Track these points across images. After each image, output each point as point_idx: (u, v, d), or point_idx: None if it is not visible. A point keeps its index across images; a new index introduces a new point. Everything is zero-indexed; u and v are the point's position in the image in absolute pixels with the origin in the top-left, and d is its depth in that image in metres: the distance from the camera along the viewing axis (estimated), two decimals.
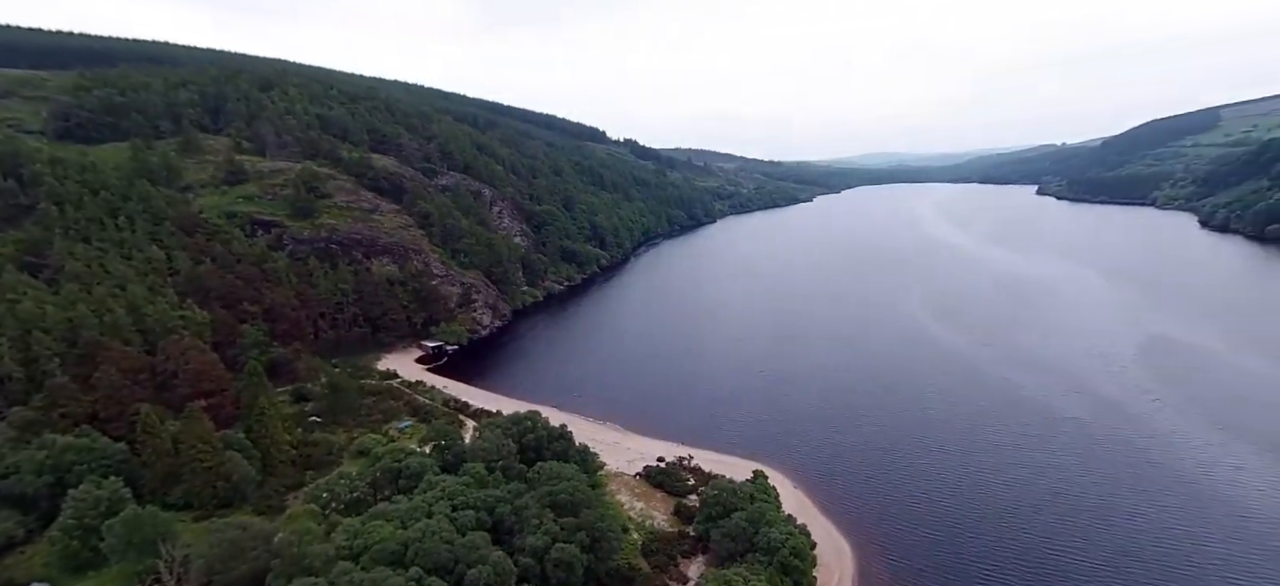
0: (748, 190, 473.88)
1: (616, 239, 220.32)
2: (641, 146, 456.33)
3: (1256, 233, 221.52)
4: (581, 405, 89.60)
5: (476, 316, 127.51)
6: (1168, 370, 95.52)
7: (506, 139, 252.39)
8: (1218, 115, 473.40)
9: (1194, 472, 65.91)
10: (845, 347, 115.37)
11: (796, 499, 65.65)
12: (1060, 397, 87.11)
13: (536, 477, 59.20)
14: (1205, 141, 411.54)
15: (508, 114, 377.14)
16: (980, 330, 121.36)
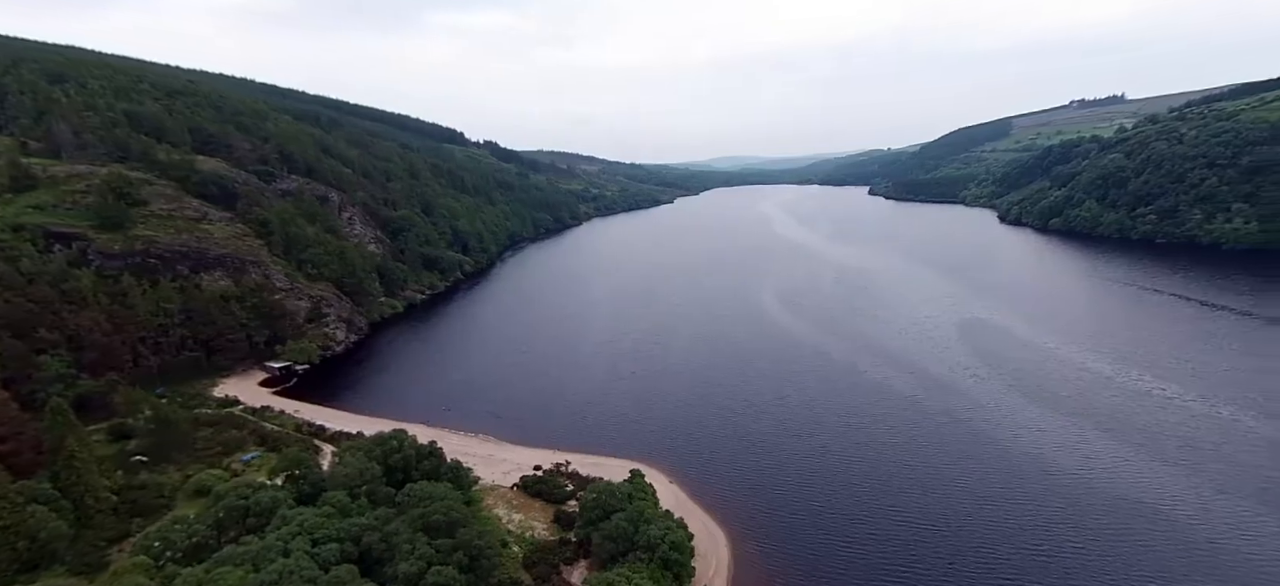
0: (612, 192, 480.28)
1: (481, 244, 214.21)
2: (502, 148, 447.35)
3: (1042, 226, 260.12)
4: (451, 419, 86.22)
5: (329, 332, 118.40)
6: (982, 348, 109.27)
7: (355, 140, 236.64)
8: (1010, 125, 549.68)
9: (1008, 437, 75.82)
10: (709, 344, 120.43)
11: (673, 494, 67.52)
12: (898, 378, 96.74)
13: (406, 500, 56.11)
14: (1001, 147, 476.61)
15: (355, 113, 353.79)
16: (827, 320, 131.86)
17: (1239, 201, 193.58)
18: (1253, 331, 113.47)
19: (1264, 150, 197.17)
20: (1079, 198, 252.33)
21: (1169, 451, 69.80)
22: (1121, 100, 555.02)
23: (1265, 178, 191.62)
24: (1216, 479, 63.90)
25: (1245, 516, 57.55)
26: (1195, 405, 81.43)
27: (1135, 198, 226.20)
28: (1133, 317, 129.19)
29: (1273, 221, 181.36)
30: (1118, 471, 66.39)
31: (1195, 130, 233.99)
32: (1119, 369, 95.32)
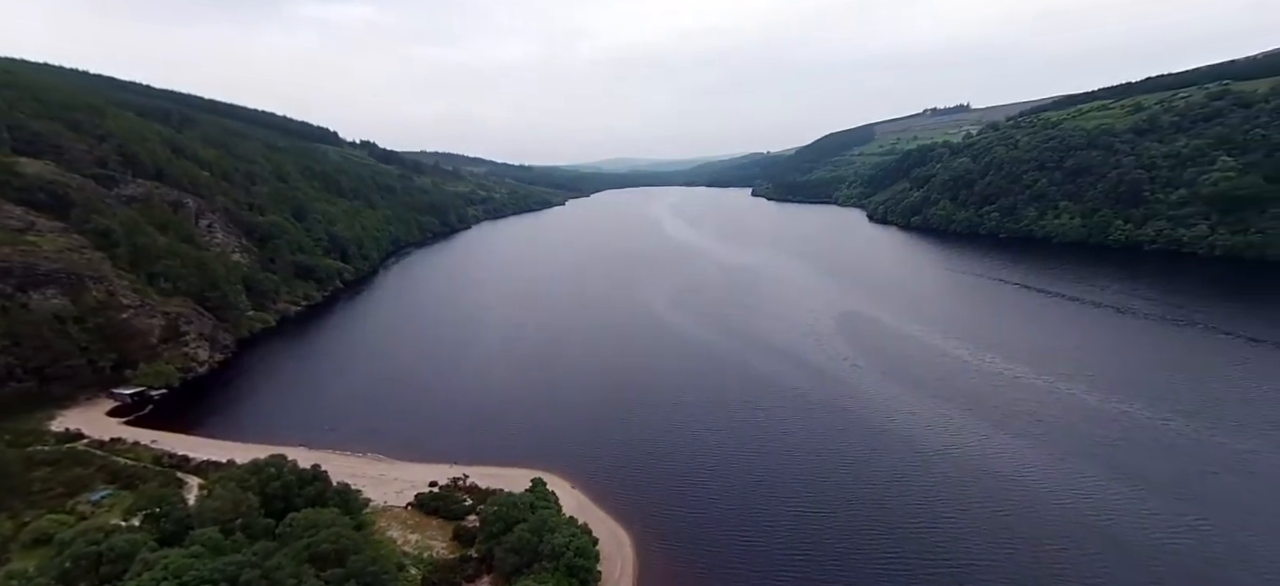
0: (501, 195, 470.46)
1: (361, 250, 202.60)
2: (382, 149, 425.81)
3: (905, 223, 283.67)
4: (336, 440, 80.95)
5: (190, 352, 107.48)
6: (859, 339, 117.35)
7: (212, 139, 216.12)
8: (873, 131, 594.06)
9: (886, 421, 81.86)
10: (606, 346, 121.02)
11: (576, 499, 67.24)
12: (786, 371, 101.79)
13: (289, 531, 52.08)
14: (867, 152, 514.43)
15: (211, 110, 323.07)
16: (718, 318, 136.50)
17: (1065, 199, 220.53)
18: (1078, 314, 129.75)
19: (1082, 154, 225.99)
20: (935, 198, 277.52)
21: (1019, 425, 78.30)
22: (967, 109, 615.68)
23: (1084, 178, 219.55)
24: (1058, 446, 72.41)
25: (1081, 476, 65.58)
26: (1038, 382, 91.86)
27: (981, 197, 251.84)
28: (984, 305, 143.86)
29: (1091, 217, 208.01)
30: (979, 446, 73.57)
31: (1028, 137, 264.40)
32: (975, 353, 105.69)
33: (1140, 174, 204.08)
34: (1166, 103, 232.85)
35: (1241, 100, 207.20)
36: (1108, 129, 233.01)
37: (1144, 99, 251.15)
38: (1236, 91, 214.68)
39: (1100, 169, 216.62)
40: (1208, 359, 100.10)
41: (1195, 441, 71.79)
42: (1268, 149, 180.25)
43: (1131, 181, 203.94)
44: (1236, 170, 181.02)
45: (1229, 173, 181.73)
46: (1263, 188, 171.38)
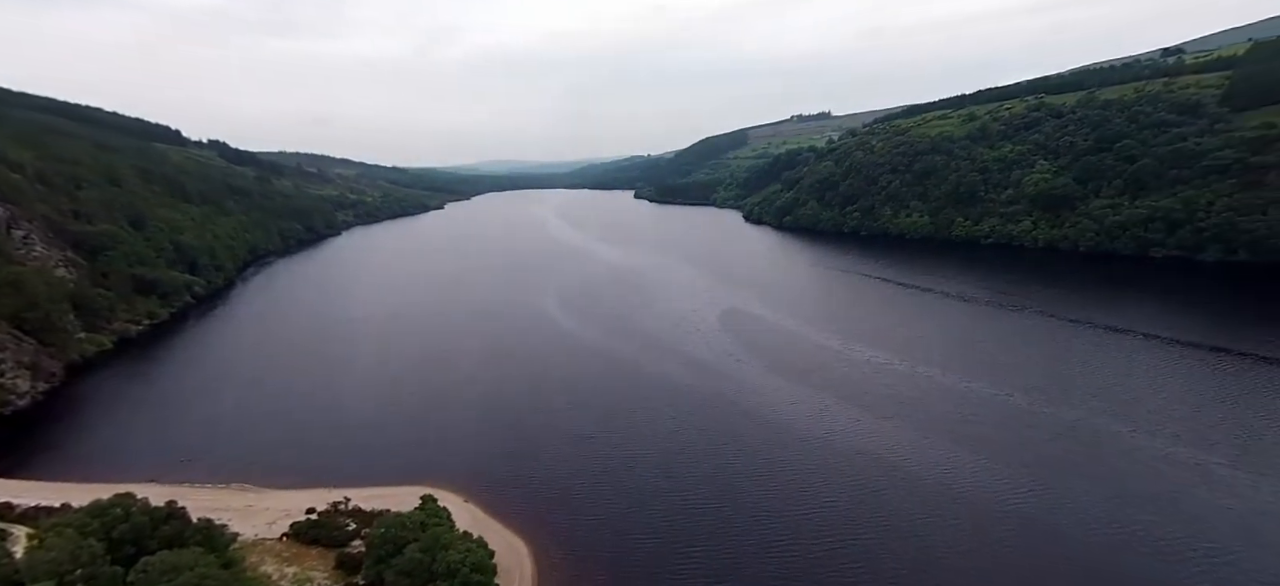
0: (374, 198, 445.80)
1: (214, 261, 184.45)
2: (234, 150, 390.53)
3: (778, 224, 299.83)
4: (195, 472, 73.43)
5: (6, 382, 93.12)
6: (741, 335, 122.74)
7: (26, 137, 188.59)
8: (747, 135, 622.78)
9: (770, 412, 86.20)
10: (496, 352, 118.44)
11: (469, 513, 65.37)
12: (676, 369, 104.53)
13: (143, 578, 46.65)
14: (742, 155, 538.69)
15: (23, 104, 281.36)
16: (608, 320, 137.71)
17: (914, 199, 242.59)
18: (930, 303, 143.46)
19: (927, 158, 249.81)
20: (804, 199, 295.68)
21: (887, 408, 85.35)
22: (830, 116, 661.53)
23: (930, 180, 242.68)
24: (921, 425, 79.65)
25: (939, 449, 72.64)
26: (900, 367, 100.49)
27: (844, 198, 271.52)
28: (850, 298, 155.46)
29: (937, 214, 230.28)
30: (854, 430, 79.38)
31: (882, 142, 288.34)
32: (845, 343, 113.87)
33: (975, 176, 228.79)
34: (994, 113, 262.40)
35: (1053, 111, 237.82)
36: (948, 136, 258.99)
37: (976, 109, 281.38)
38: (1050, 104, 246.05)
39: (943, 172, 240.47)
40: (1037, 339, 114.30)
41: (1031, 413, 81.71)
42: (1076, 154, 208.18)
43: (969, 183, 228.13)
44: (1052, 172, 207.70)
45: (1046, 174, 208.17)
46: (1073, 188, 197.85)
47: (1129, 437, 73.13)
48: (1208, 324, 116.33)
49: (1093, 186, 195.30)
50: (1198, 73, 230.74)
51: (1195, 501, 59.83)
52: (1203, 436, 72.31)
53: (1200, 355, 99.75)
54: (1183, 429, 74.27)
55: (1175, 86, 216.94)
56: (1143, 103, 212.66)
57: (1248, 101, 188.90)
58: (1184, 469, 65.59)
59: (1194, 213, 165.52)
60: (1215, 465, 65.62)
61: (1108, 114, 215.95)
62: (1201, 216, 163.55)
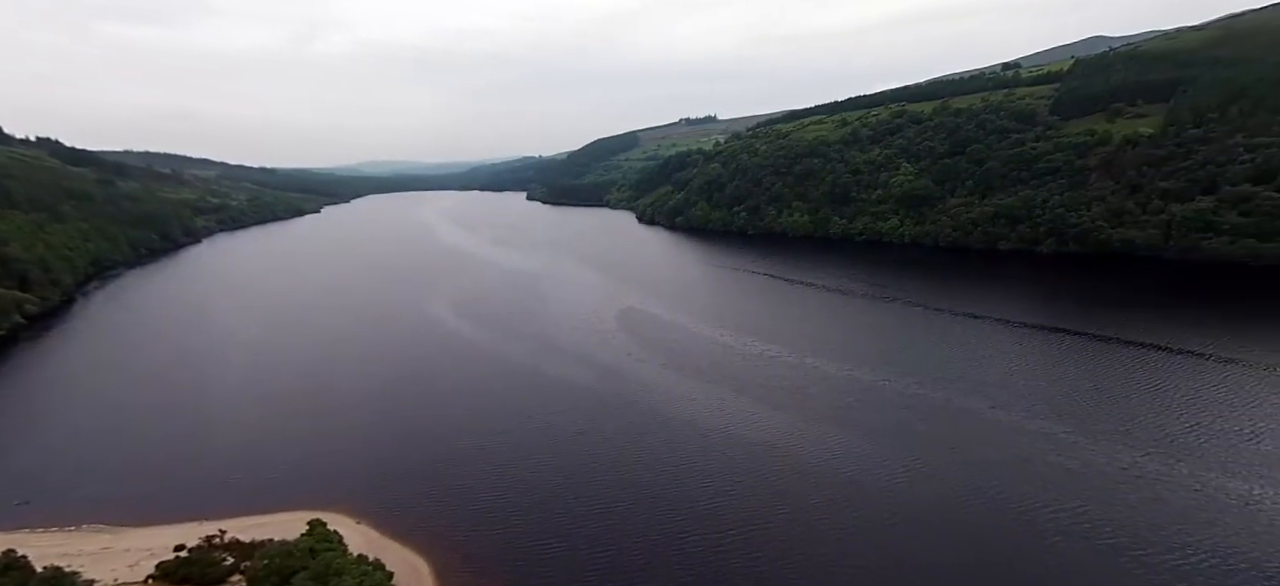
0: (240, 202, 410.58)
1: (49, 274, 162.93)
2: (71, 148, 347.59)
3: (670, 224, 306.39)
4: (35, 515, 64.66)
5: None
6: (639, 334, 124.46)
7: None
8: (637, 138, 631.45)
9: (670, 409, 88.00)
10: (384, 364, 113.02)
11: (363, 535, 62.08)
12: (576, 372, 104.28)
13: None
14: (633, 157, 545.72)
15: None
16: (504, 325, 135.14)
17: (796, 199, 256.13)
18: (814, 297, 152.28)
19: (806, 161, 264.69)
20: (694, 199, 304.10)
21: (779, 398, 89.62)
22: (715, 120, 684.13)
23: (809, 182, 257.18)
24: (811, 413, 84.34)
25: (828, 435, 77.26)
26: (790, 359, 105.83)
27: (732, 199, 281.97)
28: (741, 294, 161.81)
29: (816, 214, 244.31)
30: (750, 421, 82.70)
31: (765, 146, 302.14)
32: (739, 338, 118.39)
33: (849, 178, 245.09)
34: (863, 119, 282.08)
35: (914, 118, 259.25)
36: (824, 140, 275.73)
37: (847, 115, 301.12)
38: (911, 111, 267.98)
39: (820, 174, 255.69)
40: (908, 328, 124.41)
41: (905, 395, 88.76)
42: (934, 157, 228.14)
43: (843, 184, 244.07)
44: (914, 174, 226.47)
45: (910, 176, 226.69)
46: (932, 189, 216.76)
47: (988, 413, 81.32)
48: (1046, 308, 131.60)
49: (949, 187, 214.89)
50: (1032, 85, 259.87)
51: (1046, 465, 67.51)
52: (1048, 408, 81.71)
53: (1042, 335, 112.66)
54: (1031, 402, 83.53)
55: (1014, 97, 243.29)
56: (988, 111, 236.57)
57: (1072, 111, 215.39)
58: (1035, 437, 73.84)
59: (1032, 210, 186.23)
60: (1060, 433, 74.38)
61: (959, 121, 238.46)
62: (1038, 213, 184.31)
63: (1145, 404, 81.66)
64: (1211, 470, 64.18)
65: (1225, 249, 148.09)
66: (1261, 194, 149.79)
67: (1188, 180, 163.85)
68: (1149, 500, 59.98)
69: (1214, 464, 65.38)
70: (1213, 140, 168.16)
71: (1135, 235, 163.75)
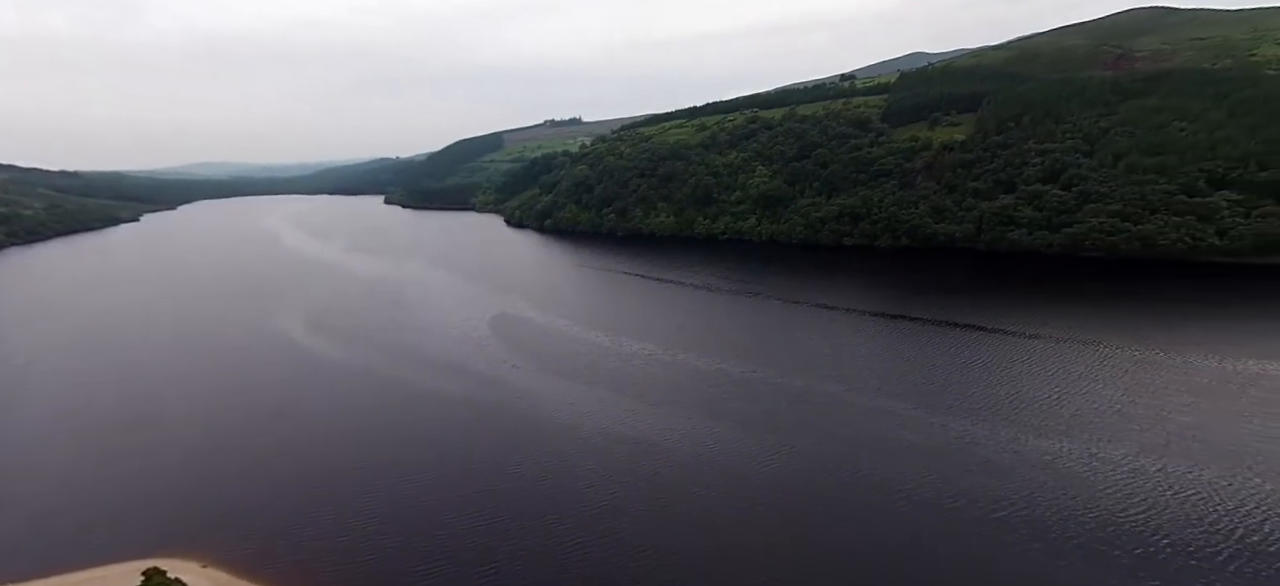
0: (36, 210, 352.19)
1: None
2: None
3: (539, 226, 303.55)
4: None
5: None
6: (514, 340, 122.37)
7: None
8: (501, 139, 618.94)
9: (550, 415, 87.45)
10: (227, 390, 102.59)
11: (210, 579, 56.38)
12: (449, 383, 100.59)
13: None
14: (498, 158, 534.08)
15: None
16: (367, 338, 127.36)
17: (661, 201, 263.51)
18: (682, 295, 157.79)
19: (669, 164, 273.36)
20: (562, 202, 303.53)
21: (656, 395, 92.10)
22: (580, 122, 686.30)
23: (673, 183, 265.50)
24: (685, 407, 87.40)
25: (702, 426, 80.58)
26: (664, 356, 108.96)
27: (600, 200, 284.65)
28: (613, 295, 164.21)
29: (681, 214, 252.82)
30: (630, 419, 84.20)
31: (629, 148, 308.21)
32: (613, 339, 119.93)
33: (710, 180, 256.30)
34: (721, 124, 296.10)
35: (766, 124, 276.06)
36: (685, 143, 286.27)
37: (706, 120, 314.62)
38: (763, 117, 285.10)
39: (683, 176, 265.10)
40: (769, 320, 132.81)
41: (772, 384, 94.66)
42: (785, 161, 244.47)
43: (705, 186, 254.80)
44: (769, 176, 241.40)
45: (765, 178, 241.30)
46: (785, 190, 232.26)
47: (845, 395, 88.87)
48: (886, 297, 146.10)
49: (799, 188, 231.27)
50: (866, 95, 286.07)
51: (895, 439, 75.02)
52: (894, 387, 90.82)
53: (884, 322, 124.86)
54: (880, 383, 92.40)
55: (851, 106, 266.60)
56: (830, 118, 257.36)
57: (900, 120, 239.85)
58: (884, 415, 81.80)
59: (871, 208, 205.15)
60: (905, 409, 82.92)
61: (805, 127, 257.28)
62: (875, 211, 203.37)
63: (970, 378, 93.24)
64: (1026, 432, 74.67)
65: (1025, 240, 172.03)
66: (1050, 191, 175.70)
67: (993, 180, 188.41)
68: (979, 462, 68.66)
69: (1027, 426, 76.09)
70: (1011, 146, 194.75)
71: (954, 229, 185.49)
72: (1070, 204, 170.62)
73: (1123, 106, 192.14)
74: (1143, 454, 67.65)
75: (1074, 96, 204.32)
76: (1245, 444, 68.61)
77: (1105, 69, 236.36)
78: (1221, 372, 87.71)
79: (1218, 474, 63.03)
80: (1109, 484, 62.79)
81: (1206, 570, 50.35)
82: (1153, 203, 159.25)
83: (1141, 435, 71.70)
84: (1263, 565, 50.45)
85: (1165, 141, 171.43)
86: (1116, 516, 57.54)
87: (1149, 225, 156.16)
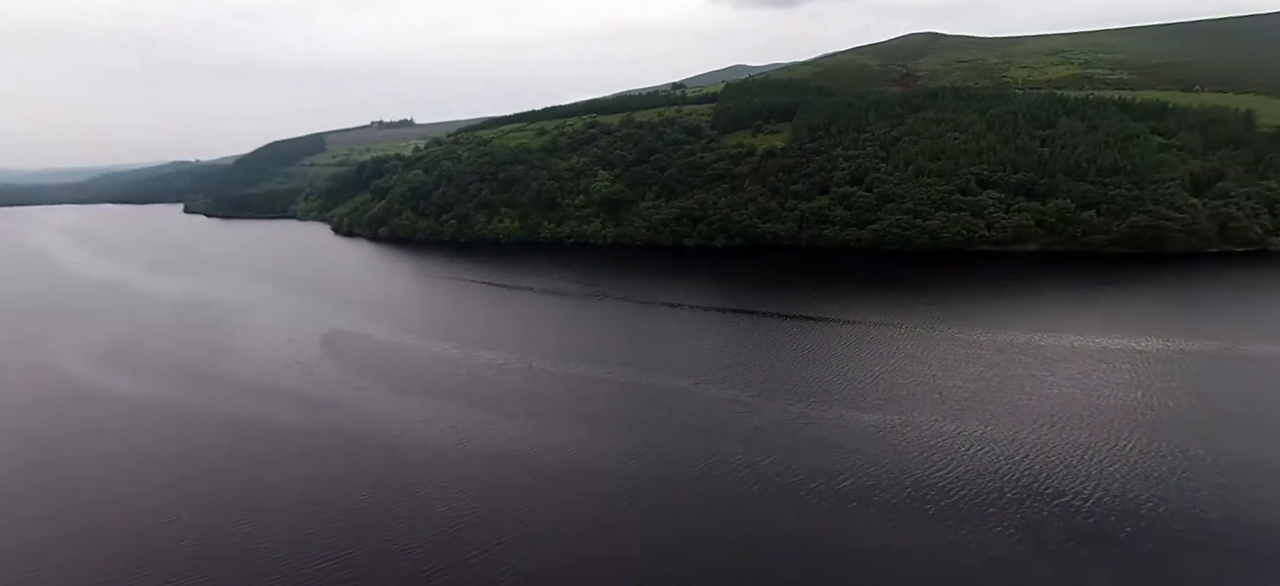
0: None
1: None
2: None
3: (373, 235, 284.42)
4: None
5: None
6: (353, 360, 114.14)
7: None
8: (324, 141, 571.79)
9: (399, 437, 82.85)
10: None
11: None
12: (281, 411, 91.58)
13: None
14: (320, 162, 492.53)
15: None
16: (177, 369, 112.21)
17: (504, 206, 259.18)
18: (531, 300, 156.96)
19: (510, 168, 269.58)
20: (397, 208, 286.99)
21: (511, 405, 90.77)
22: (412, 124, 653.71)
23: (516, 188, 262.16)
24: (544, 415, 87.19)
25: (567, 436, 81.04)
26: (518, 365, 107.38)
27: (439, 206, 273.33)
28: (460, 305, 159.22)
29: (525, 219, 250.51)
30: (485, 432, 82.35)
31: (468, 152, 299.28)
32: (463, 350, 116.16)
33: (553, 184, 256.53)
34: (561, 128, 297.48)
35: (605, 129, 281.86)
36: (526, 147, 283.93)
37: (546, 124, 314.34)
38: (601, 122, 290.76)
39: (526, 180, 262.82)
40: (620, 321, 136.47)
41: (628, 384, 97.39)
42: (625, 165, 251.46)
43: (548, 190, 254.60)
44: (610, 180, 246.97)
45: (607, 182, 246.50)
46: (627, 193, 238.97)
47: (695, 389, 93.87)
48: (725, 293, 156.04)
49: (640, 191, 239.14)
50: (697, 103, 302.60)
51: (743, 427, 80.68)
52: (737, 378, 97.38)
53: (726, 316, 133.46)
54: (725, 375, 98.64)
55: (684, 113, 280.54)
56: (665, 125, 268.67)
57: (728, 127, 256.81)
58: (731, 404, 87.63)
59: (706, 210, 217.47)
60: (748, 398, 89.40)
61: (643, 133, 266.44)
62: (711, 213, 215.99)
63: (802, 363, 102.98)
64: (851, 408, 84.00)
65: (838, 236, 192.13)
66: (856, 193, 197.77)
67: (809, 183, 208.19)
68: (815, 441, 76.10)
69: (851, 403, 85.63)
70: (823, 152, 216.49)
71: (779, 229, 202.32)
72: (873, 204, 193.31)
73: (909, 118, 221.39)
74: (943, 419, 79.08)
75: (871, 109, 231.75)
76: (1019, 403, 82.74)
77: (894, 85, 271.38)
78: (997, 344, 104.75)
79: (1001, 430, 75.50)
80: (919, 447, 72.69)
81: (998, 510, 60.28)
82: (936, 201, 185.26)
83: (941, 403, 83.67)
84: (1039, 504, 61.31)
85: (943, 148, 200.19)
86: (929, 474, 66.83)
87: (934, 220, 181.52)
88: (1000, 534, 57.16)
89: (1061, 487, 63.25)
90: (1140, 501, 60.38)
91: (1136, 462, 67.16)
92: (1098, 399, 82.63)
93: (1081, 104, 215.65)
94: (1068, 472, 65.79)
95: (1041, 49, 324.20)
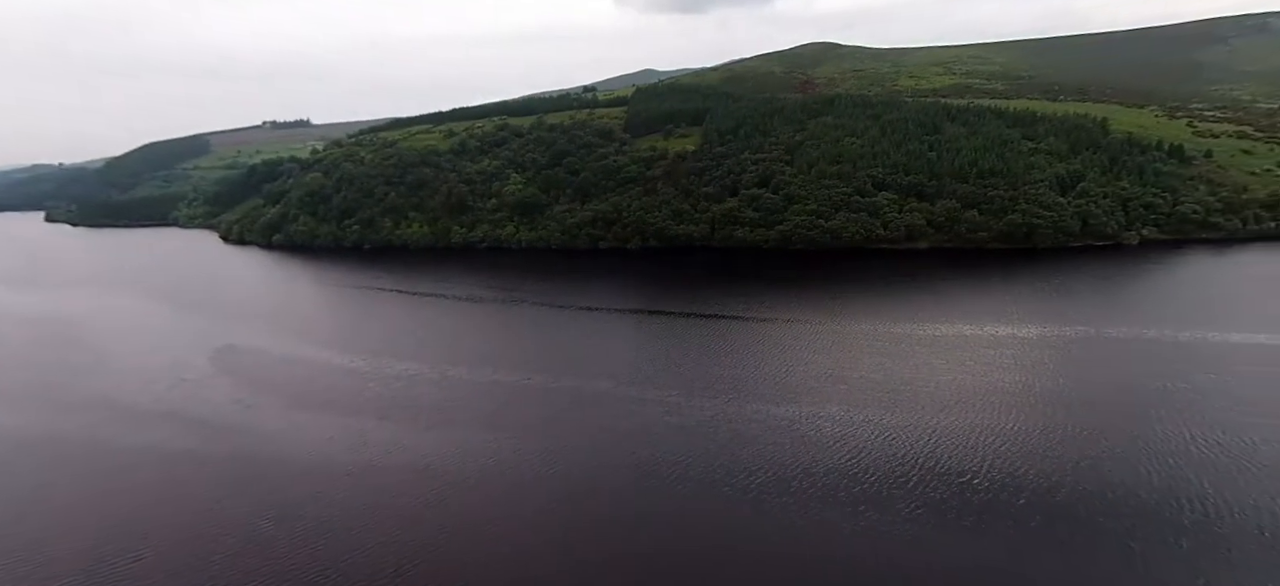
0: None
1: None
2: None
3: (266, 242, 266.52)
4: None
5: None
6: (247, 377, 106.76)
7: None
8: (208, 142, 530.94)
9: (302, 458, 78.25)
10: None
11: None
12: (165, 436, 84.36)
13: None
14: (204, 165, 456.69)
15: None
16: (39, 394, 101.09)
17: (412, 210, 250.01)
18: (443, 308, 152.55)
19: (418, 171, 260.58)
20: (294, 213, 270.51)
21: (426, 417, 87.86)
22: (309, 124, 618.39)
23: (424, 191, 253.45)
24: (462, 425, 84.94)
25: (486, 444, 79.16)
26: (432, 375, 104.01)
27: (341, 211, 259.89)
28: (366, 314, 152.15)
29: (435, 224, 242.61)
30: (399, 447, 79.24)
31: (371, 154, 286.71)
32: (372, 362, 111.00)
33: (464, 187, 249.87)
34: (470, 130, 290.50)
35: (516, 131, 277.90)
36: (434, 150, 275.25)
37: (454, 126, 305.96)
38: (512, 125, 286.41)
39: (434, 184, 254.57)
40: (537, 326, 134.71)
41: (546, 389, 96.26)
42: (537, 168, 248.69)
43: (459, 194, 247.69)
44: (523, 183, 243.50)
45: (519, 185, 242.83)
46: (540, 196, 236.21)
47: (614, 390, 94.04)
48: (641, 295, 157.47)
49: (553, 195, 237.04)
50: (607, 107, 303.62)
51: (662, 426, 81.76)
52: (654, 377, 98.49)
53: (642, 318, 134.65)
54: (644, 375, 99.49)
55: (595, 117, 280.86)
56: (577, 128, 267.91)
57: (639, 130, 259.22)
58: (650, 404, 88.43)
59: (620, 213, 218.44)
60: (667, 397, 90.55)
61: (555, 136, 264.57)
62: (625, 216, 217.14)
63: (717, 361, 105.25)
64: (764, 403, 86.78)
65: (748, 237, 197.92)
66: (764, 195, 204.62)
67: (720, 186, 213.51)
68: (733, 437, 78.10)
69: (765, 398, 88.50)
70: (731, 155, 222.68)
71: (692, 230, 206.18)
72: (779, 205, 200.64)
73: (810, 123, 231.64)
74: (850, 408, 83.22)
75: (775, 114, 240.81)
76: (918, 391, 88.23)
77: (796, 91, 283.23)
78: (896, 337, 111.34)
79: (903, 417, 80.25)
80: (830, 437, 76.17)
81: (904, 492, 64.08)
82: (837, 202, 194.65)
83: (848, 394, 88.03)
84: (939, 484, 65.61)
85: (842, 152, 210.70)
86: (840, 463, 70.16)
87: (835, 220, 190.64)
88: (908, 513, 60.84)
89: (959, 467, 68.08)
90: (1028, 476, 65.95)
91: (1023, 441, 73.27)
92: (987, 383, 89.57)
93: (963, 111, 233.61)
94: (964, 453, 70.89)
95: (928, 60, 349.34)
